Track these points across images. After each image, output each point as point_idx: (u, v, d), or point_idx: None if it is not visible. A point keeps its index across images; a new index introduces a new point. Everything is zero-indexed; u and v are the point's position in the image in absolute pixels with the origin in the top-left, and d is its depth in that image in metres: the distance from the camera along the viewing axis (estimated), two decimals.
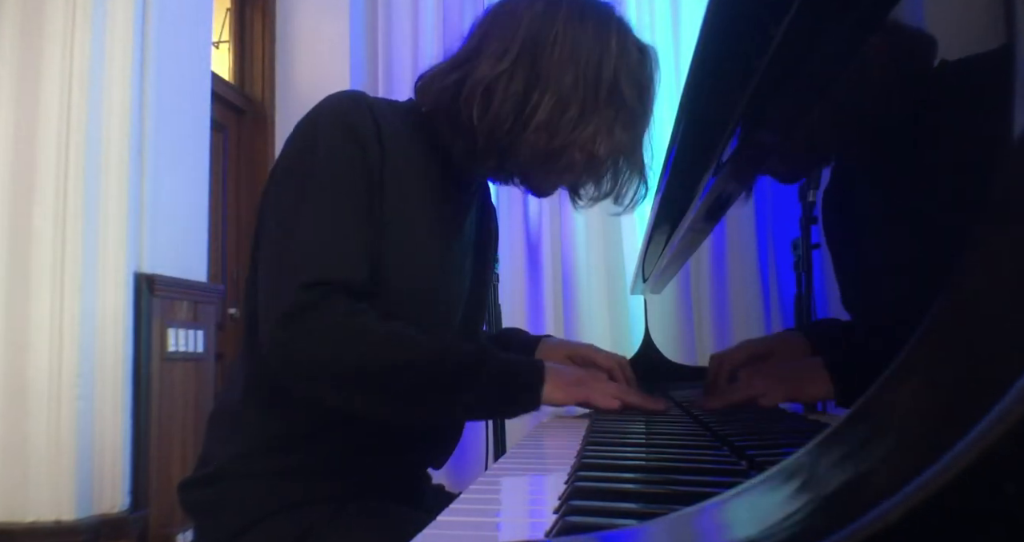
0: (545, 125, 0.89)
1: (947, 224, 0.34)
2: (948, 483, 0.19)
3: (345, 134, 0.87)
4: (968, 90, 0.33)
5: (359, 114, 0.89)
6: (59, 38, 2.24)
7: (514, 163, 0.94)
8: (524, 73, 0.89)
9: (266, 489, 0.88)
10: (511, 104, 0.89)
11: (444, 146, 0.95)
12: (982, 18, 0.30)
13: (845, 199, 0.51)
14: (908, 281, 0.40)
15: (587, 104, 0.89)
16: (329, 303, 0.82)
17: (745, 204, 0.82)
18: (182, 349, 2.48)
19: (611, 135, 0.92)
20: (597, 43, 0.90)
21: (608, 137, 0.92)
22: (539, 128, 0.89)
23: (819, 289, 0.56)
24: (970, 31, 0.32)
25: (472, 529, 0.45)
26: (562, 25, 0.90)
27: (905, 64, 0.41)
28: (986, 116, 0.28)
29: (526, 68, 0.89)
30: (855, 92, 0.48)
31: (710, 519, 0.28)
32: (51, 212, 2.19)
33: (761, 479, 0.27)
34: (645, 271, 1.75)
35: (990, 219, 0.22)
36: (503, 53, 0.90)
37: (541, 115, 0.88)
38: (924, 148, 0.39)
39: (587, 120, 0.90)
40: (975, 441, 0.18)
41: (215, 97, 2.89)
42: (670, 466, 0.62)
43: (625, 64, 0.92)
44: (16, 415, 2.12)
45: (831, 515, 0.21)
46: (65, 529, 2.09)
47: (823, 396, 0.59)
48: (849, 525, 0.20)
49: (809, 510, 0.22)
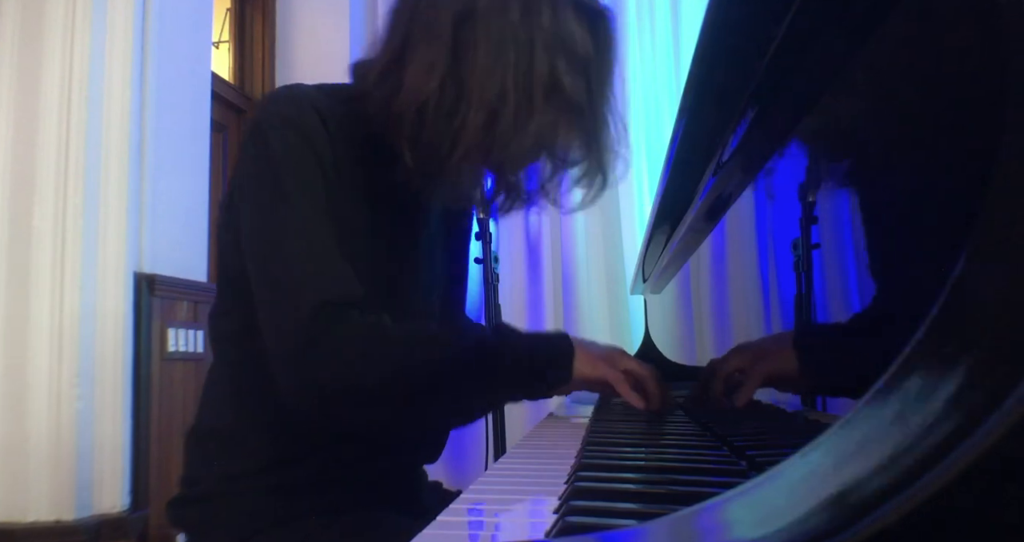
0: (476, 146, 0.81)
1: (943, 223, 0.34)
2: (948, 483, 0.19)
3: (296, 140, 0.84)
4: (968, 88, 0.33)
5: (303, 114, 0.85)
6: (59, 38, 2.24)
7: (453, 183, 0.87)
8: (452, 88, 0.80)
9: (259, 506, 0.87)
10: (443, 126, 0.81)
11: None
12: (982, 16, 0.30)
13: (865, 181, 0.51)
14: (893, 278, 0.40)
15: (521, 112, 0.80)
16: (343, 319, 0.80)
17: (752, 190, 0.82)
18: (182, 349, 2.48)
19: (555, 138, 0.84)
20: (525, 25, 0.80)
21: (552, 141, 0.84)
22: (470, 150, 0.81)
23: (819, 289, 0.56)
24: (970, 29, 0.32)
25: (472, 529, 0.45)
26: (483, 10, 0.81)
27: (906, 62, 0.41)
28: (986, 113, 0.28)
29: (454, 80, 0.81)
30: (855, 91, 0.48)
31: (710, 519, 0.28)
32: (51, 212, 2.19)
33: (762, 478, 0.27)
34: (645, 271, 1.75)
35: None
36: (430, 66, 0.81)
37: (471, 135, 0.80)
38: (924, 147, 0.39)
39: (523, 129, 0.80)
40: (975, 441, 0.18)
41: (215, 97, 2.89)
42: (670, 466, 0.62)
43: (562, 46, 0.81)
44: (16, 415, 2.12)
45: (832, 515, 0.21)
46: (65, 529, 2.09)
47: (790, 370, 0.60)
48: (849, 525, 0.20)
49: (810, 510, 0.22)
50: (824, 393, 0.55)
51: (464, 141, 0.81)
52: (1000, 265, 0.22)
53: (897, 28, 0.41)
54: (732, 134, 0.69)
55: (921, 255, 0.37)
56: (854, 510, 0.20)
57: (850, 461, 0.23)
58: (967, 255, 0.23)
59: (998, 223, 0.22)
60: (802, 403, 0.63)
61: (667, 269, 1.41)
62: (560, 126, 0.84)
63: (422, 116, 0.82)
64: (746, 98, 0.64)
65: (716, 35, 0.76)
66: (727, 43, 0.75)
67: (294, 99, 0.88)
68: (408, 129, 0.83)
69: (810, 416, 0.59)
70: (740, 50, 0.72)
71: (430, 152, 0.83)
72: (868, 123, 0.48)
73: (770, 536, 0.23)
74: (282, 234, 0.82)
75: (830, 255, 0.53)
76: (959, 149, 0.32)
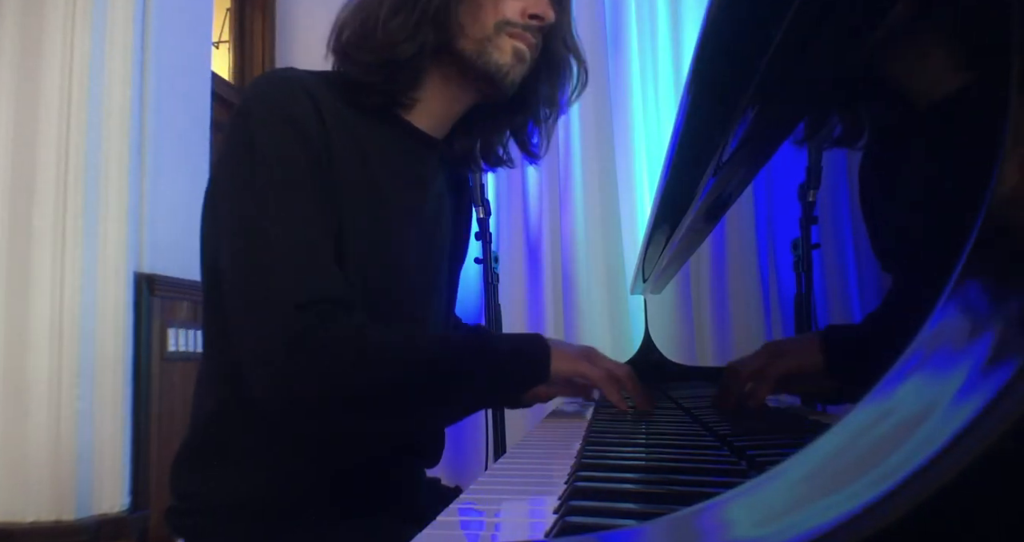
0: (430, 25, 0.87)
1: (948, 223, 0.34)
2: (948, 483, 0.19)
3: (284, 128, 0.81)
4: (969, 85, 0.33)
5: (294, 99, 0.83)
6: (59, 38, 2.24)
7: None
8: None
9: (257, 515, 0.86)
10: (395, 24, 0.87)
11: (377, 107, 0.91)
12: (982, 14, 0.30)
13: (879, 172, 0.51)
14: (911, 274, 0.40)
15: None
16: (328, 322, 0.77)
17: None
18: (182, 349, 2.48)
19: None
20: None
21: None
22: (424, 32, 0.87)
23: (819, 289, 0.56)
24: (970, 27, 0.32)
25: (472, 529, 0.45)
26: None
27: (908, 60, 0.41)
28: (990, 104, 0.28)
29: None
30: (855, 90, 0.48)
31: (710, 519, 0.28)
32: (51, 212, 2.19)
33: (762, 478, 0.27)
34: (645, 271, 1.75)
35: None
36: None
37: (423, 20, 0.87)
38: (926, 146, 0.39)
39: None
40: (976, 440, 0.18)
41: (215, 97, 2.89)
42: (670, 466, 0.62)
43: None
44: (16, 415, 2.12)
45: (832, 515, 0.21)
46: (65, 529, 2.09)
47: (815, 367, 0.59)
48: (850, 525, 0.20)
49: (810, 510, 0.22)
50: (848, 394, 0.55)
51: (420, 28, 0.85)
52: (1002, 264, 0.22)
53: (897, 25, 0.40)
54: (732, 134, 0.69)
55: (936, 248, 0.37)
56: (854, 510, 0.20)
57: (850, 461, 0.23)
58: (970, 250, 0.23)
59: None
60: (802, 403, 0.63)
61: (667, 269, 1.41)
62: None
63: (376, 26, 0.87)
64: (746, 98, 0.64)
65: (716, 34, 0.76)
66: (727, 42, 0.75)
67: (285, 83, 0.85)
68: (367, 48, 0.86)
69: (810, 416, 0.59)
70: (740, 49, 0.72)
71: (389, 52, 0.86)
72: (871, 114, 0.48)
73: (770, 536, 0.22)
74: (263, 228, 0.78)
75: (830, 255, 0.53)
76: (966, 139, 0.32)
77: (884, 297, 0.44)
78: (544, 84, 0.99)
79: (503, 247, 2.91)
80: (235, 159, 0.83)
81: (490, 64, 0.90)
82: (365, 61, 0.88)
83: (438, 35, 0.88)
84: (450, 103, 0.95)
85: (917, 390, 0.23)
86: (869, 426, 0.24)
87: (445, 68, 0.92)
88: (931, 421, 0.21)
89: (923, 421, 0.21)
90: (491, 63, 0.90)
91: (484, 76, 0.91)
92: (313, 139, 0.82)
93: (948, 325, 0.23)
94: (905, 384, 0.23)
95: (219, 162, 0.87)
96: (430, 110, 0.94)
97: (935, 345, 0.23)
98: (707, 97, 0.91)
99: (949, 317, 0.23)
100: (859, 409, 0.25)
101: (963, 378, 0.21)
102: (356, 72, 0.89)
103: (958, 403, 0.20)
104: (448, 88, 0.93)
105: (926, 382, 0.23)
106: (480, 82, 0.92)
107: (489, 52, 0.90)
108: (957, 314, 0.23)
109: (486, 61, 0.90)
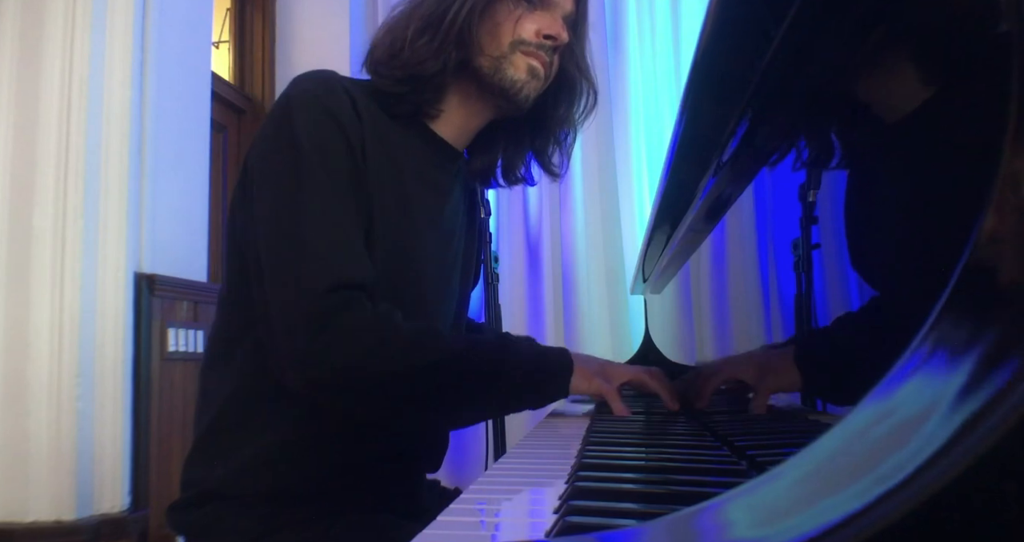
0: (454, 44, 0.92)
1: (940, 228, 0.34)
2: (948, 483, 0.19)
3: (325, 120, 0.86)
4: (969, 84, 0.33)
5: (335, 97, 0.89)
6: (59, 38, 2.24)
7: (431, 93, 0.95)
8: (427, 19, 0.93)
9: (259, 508, 0.86)
10: (422, 43, 0.92)
11: (406, 115, 0.96)
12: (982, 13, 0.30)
13: (864, 186, 0.51)
14: (894, 284, 0.40)
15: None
16: (355, 307, 0.80)
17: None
18: (182, 349, 2.48)
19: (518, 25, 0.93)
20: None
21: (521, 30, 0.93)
22: (448, 50, 0.92)
23: (819, 289, 0.56)
24: (971, 25, 0.32)
25: (472, 529, 0.45)
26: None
27: (908, 60, 0.41)
28: (987, 109, 0.28)
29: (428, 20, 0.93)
30: (855, 90, 0.48)
31: (710, 519, 0.28)
32: (51, 212, 2.19)
33: (762, 478, 0.27)
34: (645, 271, 1.75)
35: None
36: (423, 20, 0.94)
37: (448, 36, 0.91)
38: (924, 145, 0.39)
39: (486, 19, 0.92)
40: (975, 441, 0.18)
41: (215, 97, 2.89)
42: (670, 466, 0.62)
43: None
44: (16, 415, 2.12)
45: (832, 515, 0.21)
46: (65, 529, 2.09)
47: (790, 387, 0.60)
48: (850, 525, 0.20)
49: (810, 510, 0.22)
50: (827, 401, 0.55)
51: (444, 44, 0.91)
52: (1000, 266, 0.22)
53: (896, 26, 0.41)
54: (732, 134, 0.69)
55: (919, 257, 0.37)
56: (854, 510, 0.20)
57: (850, 461, 0.23)
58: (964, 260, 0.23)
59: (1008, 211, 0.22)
60: (802, 403, 0.63)
61: (667, 269, 1.41)
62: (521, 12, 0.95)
63: (403, 44, 0.93)
64: (746, 98, 0.64)
65: (716, 35, 0.76)
66: (727, 43, 0.75)
67: (326, 81, 0.91)
68: (397, 64, 0.93)
69: (810, 416, 0.59)
70: (740, 50, 0.72)
71: (416, 69, 0.92)
72: (867, 119, 0.48)
73: (770, 536, 0.23)
74: (301, 214, 0.83)
75: (830, 255, 0.53)
76: (963, 145, 0.32)
77: (861, 309, 0.45)
78: (562, 105, 1.05)
79: (503, 247, 2.91)
80: (276, 146, 0.87)
81: (505, 80, 0.95)
82: (395, 76, 0.94)
83: (459, 53, 0.93)
84: (470, 117, 1.00)
85: (917, 390, 0.23)
86: (869, 426, 0.24)
87: (465, 83, 0.97)
88: (931, 421, 0.21)
89: (923, 421, 0.21)
90: (506, 79, 0.95)
91: (499, 91, 0.96)
92: (350, 134, 0.87)
93: (948, 326, 0.23)
94: (905, 385, 0.23)
95: (259, 150, 0.90)
96: (452, 122, 1.00)
97: (935, 345, 0.23)
98: (707, 98, 0.91)
99: (949, 317, 0.23)
100: (859, 409, 0.25)
101: (963, 378, 0.21)
102: (386, 84, 0.95)
103: (958, 403, 0.20)
104: (468, 102, 0.99)
105: (926, 383, 0.23)
106: (496, 97, 0.97)
107: (504, 69, 0.95)
108: (957, 316, 0.23)
109: (501, 77, 0.95)
